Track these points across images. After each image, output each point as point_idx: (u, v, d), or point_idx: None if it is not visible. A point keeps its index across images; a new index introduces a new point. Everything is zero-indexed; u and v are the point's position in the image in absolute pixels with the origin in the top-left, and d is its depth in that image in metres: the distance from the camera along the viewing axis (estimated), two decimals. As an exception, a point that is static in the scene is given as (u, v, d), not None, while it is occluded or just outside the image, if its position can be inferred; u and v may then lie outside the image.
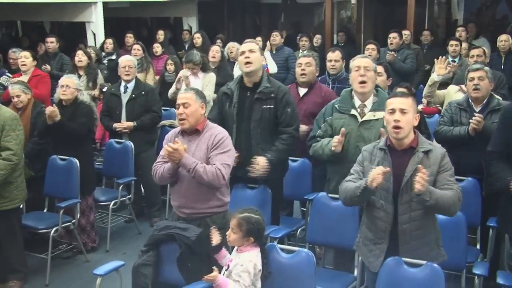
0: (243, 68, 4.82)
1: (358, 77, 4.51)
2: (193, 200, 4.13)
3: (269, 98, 4.82)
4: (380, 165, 3.63)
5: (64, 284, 5.47)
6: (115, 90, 6.69)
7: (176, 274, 3.94)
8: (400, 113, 3.58)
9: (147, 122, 6.55)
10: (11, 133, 5.03)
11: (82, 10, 10.49)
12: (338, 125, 4.57)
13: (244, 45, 4.91)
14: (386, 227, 3.68)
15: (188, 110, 4.10)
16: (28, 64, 7.26)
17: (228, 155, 4.14)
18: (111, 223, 6.41)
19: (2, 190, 5.06)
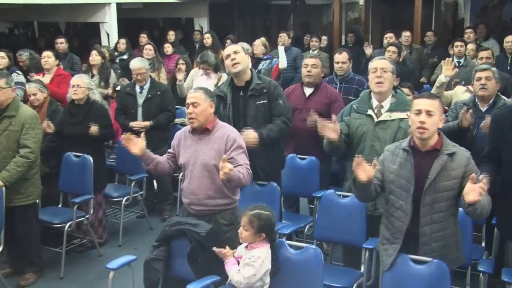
0: (232, 69, 4.89)
1: (375, 78, 4.48)
2: (203, 197, 4.13)
3: (261, 94, 4.90)
4: (402, 166, 3.61)
5: (78, 277, 5.49)
6: (131, 89, 6.67)
7: (186, 269, 3.94)
8: (426, 114, 3.51)
9: (163, 121, 6.55)
10: (30, 132, 5.08)
11: (96, 11, 10.52)
12: (354, 124, 4.55)
13: (228, 48, 5.01)
14: (403, 227, 3.63)
15: (197, 109, 4.10)
16: (51, 63, 7.27)
17: (246, 154, 4.17)
18: (124, 218, 6.42)
19: (18, 186, 5.11)
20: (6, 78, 5.18)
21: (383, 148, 4.28)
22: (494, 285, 4.55)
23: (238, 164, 4.04)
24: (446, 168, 3.52)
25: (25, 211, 5.23)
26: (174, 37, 10.88)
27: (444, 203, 3.56)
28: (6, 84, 5.12)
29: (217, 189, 4.10)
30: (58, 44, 8.92)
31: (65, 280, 5.44)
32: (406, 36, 9.25)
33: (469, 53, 8.04)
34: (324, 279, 3.77)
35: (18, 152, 5.07)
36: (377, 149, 4.38)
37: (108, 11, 10.44)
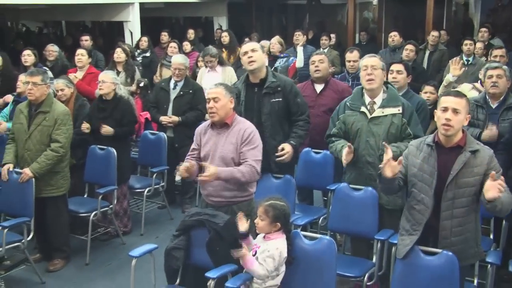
0: (248, 66, 4.86)
1: (366, 75, 4.48)
2: (221, 189, 4.13)
3: (276, 92, 4.86)
4: (426, 160, 3.59)
5: (102, 264, 5.53)
6: (165, 85, 6.71)
7: (205, 258, 3.95)
8: (453, 112, 3.47)
9: (191, 118, 6.52)
10: (61, 127, 5.15)
11: (121, 10, 10.57)
12: (349, 121, 4.57)
13: (246, 46, 4.96)
14: (423, 219, 3.61)
15: (218, 104, 4.10)
16: (84, 61, 7.31)
17: (258, 150, 4.14)
18: (145, 209, 6.45)
19: (49, 178, 5.18)
20: (42, 75, 5.23)
21: (378, 143, 4.31)
22: (502, 276, 4.52)
23: (245, 160, 4.06)
24: (468, 165, 3.48)
25: (55, 202, 5.30)
26: (194, 35, 10.89)
27: (465, 199, 3.52)
28: (42, 81, 5.18)
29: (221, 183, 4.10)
30: (83, 42, 8.97)
31: (90, 267, 5.48)
32: (434, 35, 9.12)
33: (477, 52, 7.95)
34: (337, 268, 3.77)
35: (49, 146, 5.13)
36: (371, 144, 4.43)
37: (131, 10, 10.48)
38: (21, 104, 5.47)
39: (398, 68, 5.34)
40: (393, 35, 8.87)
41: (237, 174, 4.01)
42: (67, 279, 5.24)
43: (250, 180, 4.10)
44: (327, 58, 5.76)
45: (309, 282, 3.73)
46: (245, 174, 4.03)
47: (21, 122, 5.24)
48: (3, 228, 4.82)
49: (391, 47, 8.75)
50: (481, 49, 8.02)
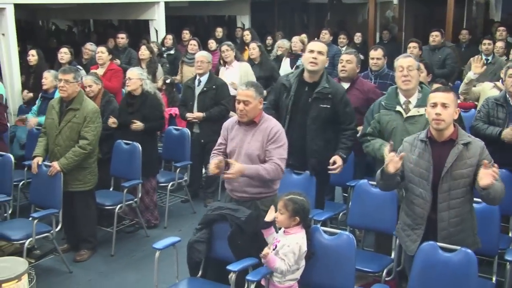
0: (308, 66, 4.72)
1: (401, 76, 4.44)
2: (245, 185, 4.12)
3: (326, 98, 4.72)
4: (421, 156, 3.61)
5: (127, 255, 5.57)
6: (190, 83, 6.75)
7: (227, 251, 3.95)
8: (442, 107, 3.53)
9: (215, 114, 6.53)
10: (90, 125, 5.20)
11: (146, 9, 10.61)
12: (384, 121, 4.52)
13: (316, 45, 4.78)
14: (424, 213, 3.64)
15: (248, 107, 4.06)
16: (104, 58, 7.35)
17: (284, 148, 4.12)
18: (169, 202, 6.47)
19: (77, 173, 5.24)
20: (74, 73, 5.28)
21: None
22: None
23: (270, 158, 4.04)
24: (461, 157, 3.53)
25: (83, 196, 5.35)
26: (222, 33, 10.88)
27: (460, 190, 3.57)
28: (74, 78, 5.22)
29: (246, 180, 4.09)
30: (119, 39, 9.04)
31: (115, 258, 5.52)
32: (463, 33, 8.97)
33: (498, 51, 7.83)
34: (356, 263, 3.76)
35: (78, 143, 5.17)
36: None
37: (157, 9, 10.51)
38: (54, 100, 5.53)
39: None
40: (435, 35, 8.48)
41: (262, 172, 3.99)
42: (93, 269, 5.29)
43: (275, 177, 4.08)
44: (356, 59, 5.69)
45: (328, 277, 3.72)
46: (270, 172, 4.01)
47: (53, 118, 5.30)
48: (33, 219, 4.89)
49: (431, 46, 8.54)
50: (502, 48, 7.89)
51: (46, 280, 4.95)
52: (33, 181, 5.44)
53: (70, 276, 5.16)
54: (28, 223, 5.01)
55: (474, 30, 12.82)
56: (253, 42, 8.56)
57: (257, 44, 8.32)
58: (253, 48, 8.17)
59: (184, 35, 10.21)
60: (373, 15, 11.69)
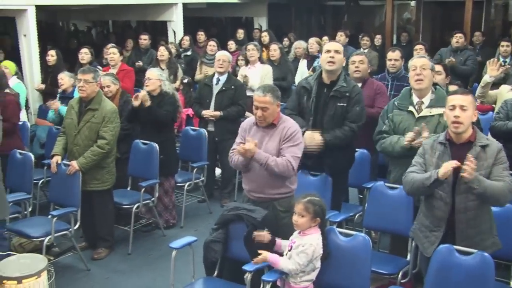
0: (326, 66, 4.71)
1: (415, 76, 4.43)
2: (263, 185, 4.12)
3: (343, 97, 4.70)
4: (440, 158, 3.59)
5: (143, 254, 5.59)
6: (208, 81, 6.78)
7: (243, 251, 3.95)
8: (460, 109, 3.51)
9: (232, 113, 6.56)
10: (109, 125, 5.22)
11: (164, 10, 10.66)
12: (397, 120, 4.50)
13: (331, 45, 4.80)
14: (444, 216, 3.61)
15: (266, 113, 4.06)
16: (116, 59, 7.40)
17: (298, 148, 4.10)
18: (186, 202, 6.49)
19: (95, 173, 5.27)
20: (93, 73, 5.32)
21: None
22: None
23: (282, 155, 4.03)
24: (479, 159, 3.51)
25: (101, 195, 5.39)
26: (243, 35, 10.90)
27: None
28: (93, 79, 5.26)
29: (276, 178, 4.07)
30: (142, 40, 9.11)
31: (132, 256, 5.55)
32: (477, 35, 8.90)
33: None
34: (371, 265, 3.74)
35: (96, 142, 5.21)
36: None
37: (175, 10, 10.57)
38: (73, 100, 5.57)
39: (437, 69, 5.28)
40: (459, 36, 8.41)
41: (271, 162, 3.98)
42: (110, 267, 5.32)
43: (283, 173, 4.03)
44: (367, 59, 5.67)
45: (344, 278, 3.71)
46: (279, 166, 3.99)
47: (72, 118, 5.34)
48: (52, 217, 4.93)
49: (454, 48, 8.47)
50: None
51: (64, 277, 4.99)
52: (52, 179, 5.49)
53: (88, 274, 5.20)
54: (47, 221, 5.05)
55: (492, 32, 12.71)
56: (275, 43, 8.61)
57: (278, 46, 8.35)
58: (274, 50, 8.21)
59: (199, 37, 10.25)
60: (390, 17, 11.62)
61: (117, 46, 7.85)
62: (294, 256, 3.61)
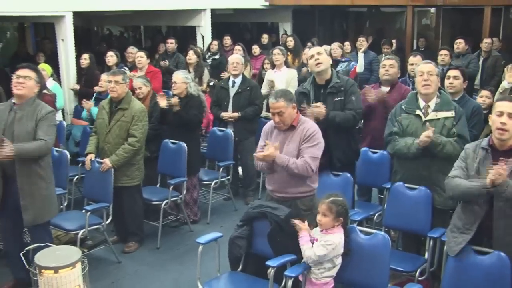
0: (315, 68, 4.87)
1: (422, 81, 4.42)
2: (285, 185, 4.12)
3: (339, 91, 4.88)
4: (481, 163, 3.49)
5: (172, 249, 5.63)
6: (224, 84, 6.80)
7: (266, 247, 3.96)
8: (508, 117, 3.39)
9: (250, 113, 6.60)
10: (138, 123, 5.27)
11: (194, 16, 10.72)
12: (405, 123, 4.50)
13: (312, 50, 4.98)
14: (477, 220, 3.51)
15: (283, 117, 4.07)
16: (143, 62, 7.48)
17: (317, 148, 4.08)
18: (212, 199, 6.51)
19: (126, 169, 5.32)
20: (123, 75, 5.40)
21: (431, 144, 4.17)
22: None
23: (301, 156, 4.03)
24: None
25: (131, 191, 5.43)
26: (268, 40, 10.91)
27: None
28: (123, 80, 5.33)
29: (297, 178, 4.07)
30: (169, 44, 9.18)
31: (160, 250, 5.59)
32: (487, 42, 8.82)
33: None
34: (390, 263, 3.71)
35: (127, 140, 5.26)
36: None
37: (203, 16, 10.62)
38: (104, 101, 5.64)
39: (455, 74, 5.19)
40: (459, 42, 8.48)
41: (291, 165, 3.99)
42: (140, 260, 5.37)
43: (303, 174, 4.02)
44: (397, 64, 5.65)
45: (364, 275, 3.69)
46: (299, 167, 3.99)
47: (103, 118, 5.41)
48: (86, 211, 4.99)
49: (456, 53, 8.43)
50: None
51: (97, 269, 5.05)
52: (86, 176, 5.56)
53: (119, 266, 5.25)
54: (81, 215, 5.12)
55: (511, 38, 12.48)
56: (307, 48, 8.61)
57: None
58: (305, 54, 8.20)
59: (225, 41, 10.27)
60: (410, 23, 11.52)
61: (144, 50, 7.94)
62: (314, 247, 3.62)
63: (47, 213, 4.47)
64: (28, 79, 4.30)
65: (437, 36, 12.90)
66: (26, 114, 4.28)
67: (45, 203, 4.41)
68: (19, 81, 4.27)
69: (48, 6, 7.75)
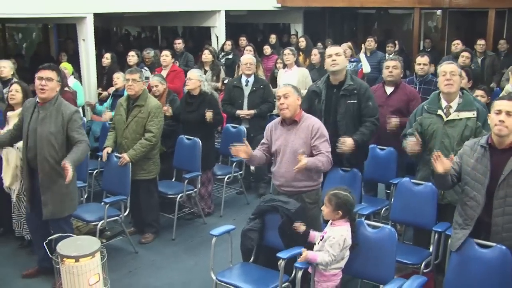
0: (330, 68, 4.76)
1: (444, 80, 4.36)
2: (292, 180, 4.13)
3: (352, 94, 4.74)
4: (479, 160, 3.48)
5: (186, 240, 5.64)
6: (237, 83, 6.80)
7: (277, 240, 3.97)
8: (506, 114, 3.37)
9: (265, 110, 6.64)
10: (154, 119, 5.30)
11: (208, 17, 10.72)
12: (426, 124, 4.44)
13: (331, 49, 4.86)
14: (475, 215, 3.50)
15: (288, 100, 4.11)
16: (168, 61, 7.50)
17: (328, 142, 4.13)
18: (225, 193, 6.52)
19: (142, 163, 5.34)
20: (139, 73, 5.43)
21: (452, 144, 4.17)
22: None
23: (320, 152, 4.04)
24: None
25: (147, 184, 5.45)
26: (275, 40, 10.89)
27: None
28: (140, 78, 5.36)
29: (303, 172, 4.07)
30: (176, 44, 9.17)
31: (175, 242, 5.61)
32: (481, 44, 8.77)
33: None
34: (396, 255, 3.70)
35: (143, 135, 5.29)
36: (446, 145, 4.29)
37: (218, 17, 10.62)
38: (122, 98, 5.67)
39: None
40: (456, 43, 8.54)
41: (319, 164, 4.02)
42: (156, 251, 5.39)
43: (327, 168, 4.09)
44: (400, 64, 5.61)
45: (371, 267, 3.69)
46: (324, 163, 4.03)
47: (121, 114, 5.44)
48: (105, 204, 5.02)
49: (454, 54, 8.41)
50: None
51: (115, 259, 5.08)
52: (105, 170, 5.59)
53: (136, 256, 5.28)
54: (100, 207, 5.15)
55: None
56: (316, 48, 8.65)
57: (319, 51, 8.35)
58: (315, 54, 8.23)
59: (241, 42, 10.27)
60: (417, 24, 11.44)
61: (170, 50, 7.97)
62: (328, 248, 3.60)
63: (66, 209, 4.49)
64: (50, 81, 4.30)
65: (443, 37, 12.78)
66: (49, 114, 4.31)
67: (64, 199, 4.43)
68: (42, 84, 4.27)
69: (70, 8, 7.81)
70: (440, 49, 12.22)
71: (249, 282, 3.86)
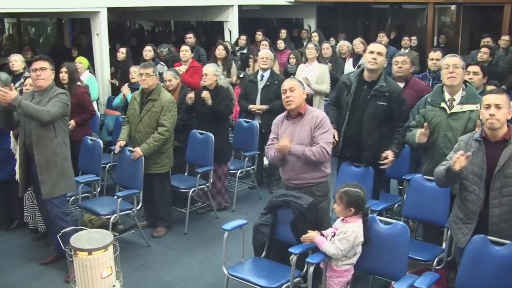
0: (368, 65, 4.65)
1: (447, 73, 4.33)
2: (300, 172, 4.13)
3: (383, 96, 4.63)
4: (475, 154, 3.50)
5: (198, 234, 5.65)
6: (253, 77, 6.79)
7: (289, 235, 3.96)
8: (495, 108, 3.41)
9: (278, 106, 6.51)
10: (167, 113, 5.30)
11: (222, 12, 10.70)
12: (429, 116, 4.42)
13: (375, 47, 4.71)
14: (476, 209, 3.53)
15: (293, 93, 4.13)
16: (187, 56, 7.49)
17: (329, 133, 4.14)
18: (237, 188, 6.53)
19: (156, 157, 5.35)
20: (153, 67, 5.46)
21: (455, 137, 4.15)
22: None
23: (316, 142, 4.05)
24: None
25: (160, 178, 5.47)
26: (285, 34, 10.85)
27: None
28: (153, 72, 5.38)
29: (311, 164, 4.08)
30: (187, 39, 9.12)
31: (188, 236, 5.62)
32: (505, 39, 8.63)
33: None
34: (409, 252, 3.68)
35: (156, 130, 5.30)
36: (449, 137, 4.29)
37: (231, 12, 10.59)
38: (135, 92, 5.69)
39: (475, 70, 5.13)
40: (487, 41, 8.28)
41: (308, 152, 4.02)
42: (168, 245, 5.41)
43: (320, 159, 4.06)
44: (409, 60, 5.55)
45: (383, 263, 3.67)
46: (315, 154, 4.02)
47: (134, 108, 5.45)
48: (118, 197, 5.04)
49: None
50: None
51: (127, 252, 5.11)
52: (118, 164, 5.61)
53: (148, 250, 5.30)
54: (113, 201, 5.17)
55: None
56: (327, 42, 8.56)
57: (331, 45, 8.33)
58: (327, 48, 8.22)
59: (257, 36, 10.26)
60: (431, 20, 11.34)
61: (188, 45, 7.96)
62: (336, 242, 3.59)
63: (63, 187, 4.62)
64: (43, 70, 4.50)
65: (457, 33, 12.66)
66: (44, 98, 4.48)
67: (61, 177, 4.56)
68: (37, 74, 4.48)
69: (84, 3, 7.84)
70: (454, 44, 12.10)
71: (261, 276, 3.85)
